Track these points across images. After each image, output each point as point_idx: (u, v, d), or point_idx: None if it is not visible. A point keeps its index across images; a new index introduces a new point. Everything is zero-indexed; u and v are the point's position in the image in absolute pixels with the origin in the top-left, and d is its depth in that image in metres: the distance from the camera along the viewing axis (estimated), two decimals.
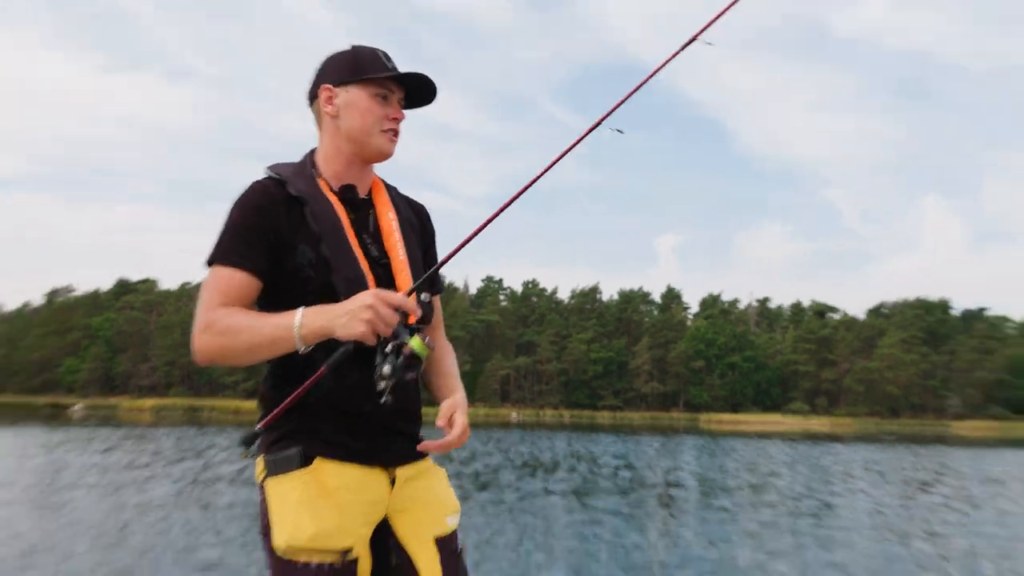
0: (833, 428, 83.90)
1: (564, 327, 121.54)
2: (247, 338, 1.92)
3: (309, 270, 2.03)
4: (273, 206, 2.05)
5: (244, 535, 9.33)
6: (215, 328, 1.94)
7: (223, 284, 1.99)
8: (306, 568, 1.94)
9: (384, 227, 2.19)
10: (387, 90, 2.14)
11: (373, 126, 2.12)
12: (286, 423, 2.04)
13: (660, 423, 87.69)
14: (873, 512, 13.33)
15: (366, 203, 2.20)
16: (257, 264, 2.01)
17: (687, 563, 8.54)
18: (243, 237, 2.01)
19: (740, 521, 11.94)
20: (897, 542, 10.29)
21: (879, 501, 15.10)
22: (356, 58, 2.14)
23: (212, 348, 1.95)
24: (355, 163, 2.17)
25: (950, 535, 10.99)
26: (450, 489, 2.24)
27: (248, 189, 2.07)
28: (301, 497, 1.98)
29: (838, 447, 38.43)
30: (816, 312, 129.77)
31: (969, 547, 10.05)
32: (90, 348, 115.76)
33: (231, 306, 1.98)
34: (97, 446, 24.93)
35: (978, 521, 12.52)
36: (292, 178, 2.10)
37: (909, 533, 11.08)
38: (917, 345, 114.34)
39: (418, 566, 2.08)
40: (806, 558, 8.99)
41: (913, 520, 12.41)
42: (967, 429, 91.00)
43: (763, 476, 20.51)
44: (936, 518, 12.72)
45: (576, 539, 9.84)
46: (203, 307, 1.98)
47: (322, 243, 2.04)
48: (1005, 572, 8.46)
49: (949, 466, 26.29)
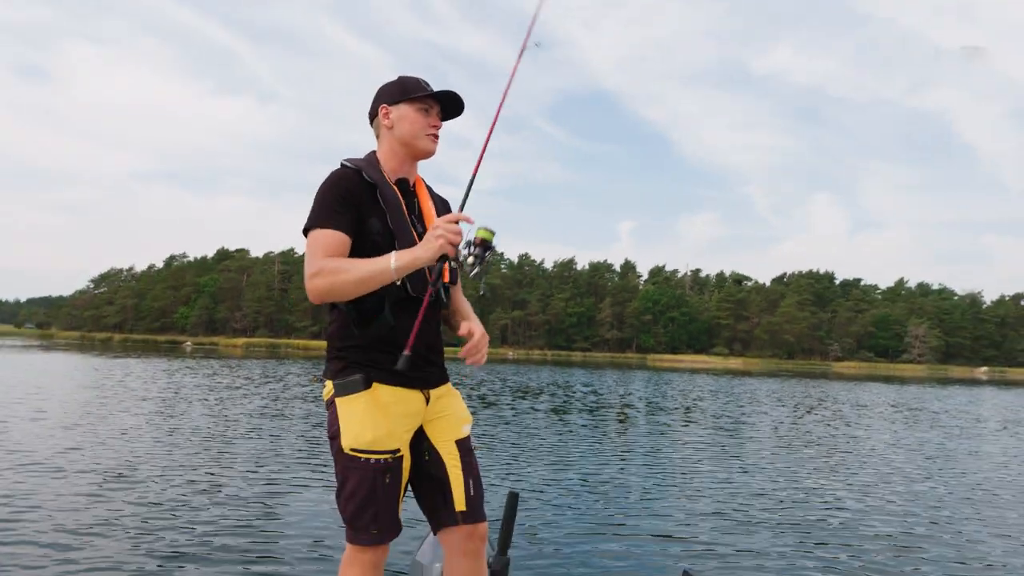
0: (746, 366, 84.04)
1: (548, 289, 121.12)
2: (355, 274, 1.91)
3: (378, 237, 2.02)
4: (354, 186, 2.04)
5: (310, 433, 9.45)
6: (325, 270, 1.92)
7: (323, 241, 1.96)
8: (366, 463, 1.99)
9: (425, 211, 2.19)
10: (427, 105, 2.14)
11: (420, 131, 2.13)
12: (351, 356, 2.06)
13: (618, 361, 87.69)
14: (772, 427, 13.42)
15: (412, 193, 2.20)
16: (347, 225, 1.99)
17: (634, 459, 8.60)
18: (334, 206, 2.00)
19: (675, 432, 12.01)
20: (788, 450, 10.39)
21: (777, 419, 15.17)
22: (403, 84, 2.15)
23: (323, 286, 1.92)
24: (407, 161, 2.17)
25: (828, 444, 11.09)
26: (463, 404, 2.25)
27: (333, 173, 2.06)
28: (363, 411, 2.00)
29: (749, 380, 38.50)
30: (735, 280, 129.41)
31: (842, 453, 10.16)
32: (198, 300, 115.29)
33: (332, 256, 1.96)
34: (206, 372, 25.02)
35: (848, 434, 12.63)
36: (366, 168, 2.09)
37: (797, 442, 11.17)
38: (808, 305, 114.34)
39: (444, 460, 2.12)
40: (723, 459, 9.08)
41: (801, 434, 12.51)
42: (844, 368, 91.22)
43: (693, 400, 20.57)
44: (817, 431, 12.82)
45: (555, 443, 9.89)
46: (310, 259, 1.96)
47: (388, 218, 2.04)
48: (867, 468, 8.56)
49: (829, 395, 26.39)
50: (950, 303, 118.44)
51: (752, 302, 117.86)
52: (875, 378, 52.96)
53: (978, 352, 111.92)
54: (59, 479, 6.24)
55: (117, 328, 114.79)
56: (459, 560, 2.13)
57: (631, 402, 18.88)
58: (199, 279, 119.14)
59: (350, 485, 2.02)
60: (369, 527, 2.02)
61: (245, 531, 4.88)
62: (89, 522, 4.88)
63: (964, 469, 9.08)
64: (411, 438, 2.10)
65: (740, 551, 4.85)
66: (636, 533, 5.22)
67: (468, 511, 2.11)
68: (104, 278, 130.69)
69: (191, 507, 5.44)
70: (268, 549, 4.50)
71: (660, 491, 6.87)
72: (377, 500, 2.01)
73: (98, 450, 7.81)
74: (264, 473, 6.97)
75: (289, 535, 4.84)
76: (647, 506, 6.15)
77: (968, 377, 70.92)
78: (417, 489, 2.18)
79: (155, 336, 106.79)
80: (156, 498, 5.68)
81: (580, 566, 4.36)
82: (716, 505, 6.27)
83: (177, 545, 4.45)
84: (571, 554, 4.61)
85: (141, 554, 4.25)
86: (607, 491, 6.75)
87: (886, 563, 4.71)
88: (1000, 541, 5.45)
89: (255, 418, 11.49)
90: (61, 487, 5.93)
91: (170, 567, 4.06)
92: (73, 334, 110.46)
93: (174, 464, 7.18)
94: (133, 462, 7.19)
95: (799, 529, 5.56)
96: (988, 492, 7.55)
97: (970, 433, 13.80)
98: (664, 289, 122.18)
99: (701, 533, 5.28)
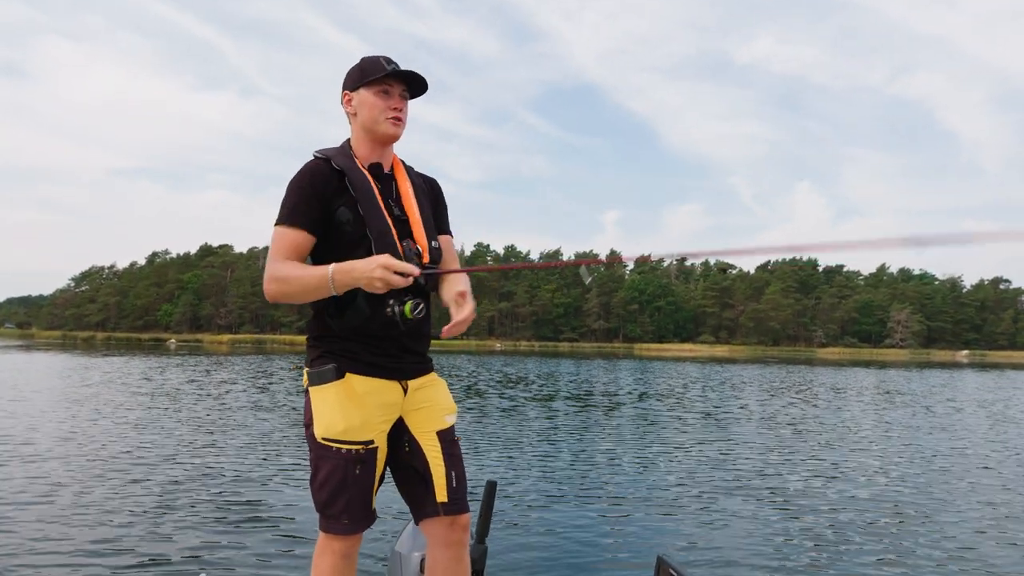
0: (731, 353, 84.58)
1: (535, 280, 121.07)
2: (299, 285, 1.93)
3: (348, 225, 2.00)
4: (321, 177, 2.01)
5: (293, 425, 9.41)
6: (277, 277, 1.94)
7: (284, 239, 1.97)
8: (338, 452, 1.98)
9: (403, 193, 2.15)
10: (387, 87, 2.07)
11: (379, 116, 2.06)
12: (325, 345, 2.06)
13: (605, 351, 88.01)
14: (757, 411, 13.56)
15: (389, 176, 2.16)
16: (310, 223, 1.98)
17: (611, 448, 8.66)
18: (298, 203, 1.98)
19: (654, 420, 12.09)
20: (766, 437, 10.49)
21: (764, 404, 15.35)
22: (362, 67, 2.08)
23: (275, 292, 1.95)
24: (375, 146, 2.12)
25: (804, 430, 11.21)
26: (449, 395, 2.22)
27: (302, 167, 2.05)
28: (336, 401, 2.00)
29: (735, 367, 38.75)
30: (720, 269, 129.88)
31: (818, 438, 10.28)
32: (181, 296, 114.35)
33: (290, 257, 1.97)
34: (192, 368, 24.87)
35: (825, 419, 12.77)
36: (335, 156, 2.06)
37: (776, 428, 11.29)
38: (792, 292, 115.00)
39: (425, 451, 2.10)
40: (700, 446, 9.16)
41: (779, 419, 12.63)
42: (828, 354, 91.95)
43: (680, 388, 20.70)
44: (796, 417, 12.95)
45: (534, 432, 9.94)
46: (269, 260, 1.98)
47: (358, 204, 2.02)
48: (843, 452, 8.68)
49: (813, 380, 26.64)
50: (931, 288, 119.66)
51: (737, 290, 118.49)
52: (859, 363, 53.44)
53: (959, 336, 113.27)
54: (37, 478, 6.21)
55: (99, 327, 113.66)
56: (441, 550, 2.13)
57: (617, 390, 18.97)
58: (182, 276, 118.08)
59: (322, 473, 2.03)
60: (340, 516, 2.03)
61: (226, 519, 4.92)
62: (69, 516, 4.89)
63: (932, 447, 9.24)
64: (391, 429, 2.10)
65: (715, 536, 4.94)
66: (612, 520, 5.29)
67: (450, 502, 2.10)
68: (85, 276, 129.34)
69: (177, 497, 5.46)
70: (248, 536, 4.54)
71: (637, 478, 6.95)
72: (348, 489, 2.01)
73: (78, 449, 7.78)
74: (248, 462, 6.99)
75: (270, 523, 4.88)
76: (623, 494, 6.22)
77: (950, 361, 71.78)
78: (399, 480, 2.18)
79: (138, 334, 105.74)
80: (140, 489, 5.68)
81: (557, 553, 4.42)
82: (692, 492, 6.35)
83: (159, 533, 4.48)
84: (548, 542, 4.67)
85: (127, 544, 4.27)
86: (584, 479, 6.82)
87: (862, 543, 4.80)
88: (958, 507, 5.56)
89: (242, 411, 11.47)
90: (38, 487, 5.90)
91: (153, 555, 4.09)
92: (55, 333, 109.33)
93: (158, 455, 7.17)
94: (121, 456, 7.17)
95: (774, 514, 5.65)
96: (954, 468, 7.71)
97: (938, 412, 14.02)
98: (650, 279, 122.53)
99: (677, 519, 5.36)
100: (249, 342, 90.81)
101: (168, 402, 13.06)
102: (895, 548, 4.74)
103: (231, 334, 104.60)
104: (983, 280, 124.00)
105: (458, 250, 2.34)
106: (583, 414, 12.80)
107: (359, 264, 1.89)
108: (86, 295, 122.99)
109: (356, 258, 1.94)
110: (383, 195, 2.09)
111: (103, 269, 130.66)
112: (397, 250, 2.01)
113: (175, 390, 15.75)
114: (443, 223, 2.29)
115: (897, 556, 4.58)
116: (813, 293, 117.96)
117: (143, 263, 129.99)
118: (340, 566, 2.08)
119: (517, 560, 4.26)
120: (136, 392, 15.06)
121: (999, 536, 5.13)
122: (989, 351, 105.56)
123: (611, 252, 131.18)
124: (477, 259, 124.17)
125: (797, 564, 4.38)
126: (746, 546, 4.69)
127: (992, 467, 8.10)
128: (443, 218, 2.31)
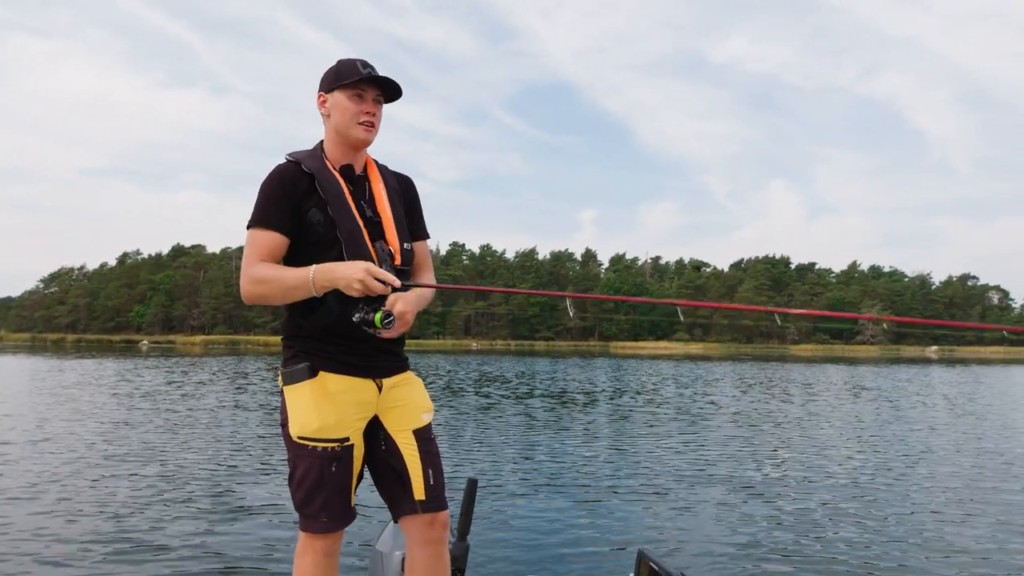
0: (705, 351, 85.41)
1: (510, 279, 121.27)
2: (278, 286, 1.94)
3: (319, 227, 2.01)
4: (291, 179, 2.02)
5: (268, 425, 9.32)
6: (254, 280, 1.95)
7: (259, 242, 1.98)
8: (313, 450, 1.99)
9: (376, 195, 2.15)
10: (360, 90, 2.07)
11: (351, 120, 2.05)
12: (299, 345, 2.07)
13: (581, 349, 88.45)
14: (731, 407, 13.70)
15: (362, 178, 2.16)
16: (282, 224, 1.99)
17: (591, 444, 8.72)
18: (269, 205, 1.99)
19: (637, 415, 12.19)
20: (748, 424, 10.61)
21: (736, 400, 15.52)
22: (337, 69, 2.07)
23: (254, 295, 1.96)
24: (347, 149, 2.12)
25: (779, 416, 11.36)
26: (425, 393, 2.22)
27: (273, 170, 2.05)
28: (310, 400, 2.00)
29: (709, 365, 39.14)
30: (694, 267, 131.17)
31: (791, 425, 10.42)
32: (153, 297, 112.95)
33: (265, 260, 1.98)
34: (167, 370, 24.53)
35: (797, 409, 12.95)
36: (305, 159, 2.07)
37: (754, 418, 11.43)
38: (765, 290, 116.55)
39: (401, 450, 2.11)
40: (678, 442, 9.24)
41: (757, 410, 12.79)
42: (801, 350, 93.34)
43: (654, 385, 20.85)
44: (770, 407, 13.12)
45: (514, 430, 9.97)
46: (246, 263, 1.98)
47: (328, 206, 2.02)
48: (806, 435, 8.82)
49: (784, 377, 26.98)
50: (901, 285, 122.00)
51: (711, 288, 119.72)
52: (830, 359, 54.27)
53: (928, 332, 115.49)
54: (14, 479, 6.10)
55: (70, 328, 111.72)
56: (420, 548, 2.14)
57: (592, 388, 19.06)
58: (154, 276, 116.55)
59: (299, 472, 2.03)
60: (319, 514, 2.03)
61: (205, 520, 4.88)
62: (49, 515, 4.82)
63: (898, 437, 9.43)
64: (368, 427, 2.11)
65: (693, 527, 5.01)
66: (594, 516, 5.34)
67: (427, 499, 2.11)
68: (55, 277, 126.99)
69: (156, 497, 5.40)
70: (228, 538, 4.50)
71: (615, 473, 7.02)
72: (326, 488, 2.02)
73: (53, 449, 7.65)
74: (226, 462, 6.94)
75: (250, 523, 4.85)
76: (604, 489, 6.28)
77: (919, 356, 73.06)
78: (376, 478, 2.18)
79: (110, 336, 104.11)
80: (119, 489, 5.61)
81: (539, 550, 4.45)
82: (671, 487, 6.42)
83: (137, 534, 4.42)
84: (530, 538, 4.70)
85: (108, 542, 4.20)
86: (564, 475, 6.87)
87: (835, 529, 4.90)
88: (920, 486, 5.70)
89: (216, 411, 11.33)
90: (17, 486, 5.79)
91: (131, 557, 4.05)
92: (23, 336, 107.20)
93: (136, 456, 7.08)
94: (96, 458, 7.06)
95: (749, 504, 5.74)
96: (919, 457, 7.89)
97: (904, 406, 14.29)
98: (625, 277, 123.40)
99: (657, 515, 5.42)
100: (223, 343, 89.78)
101: (144, 403, 12.88)
102: (865, 532, 4.88)
103: (204, 335, 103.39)
104: (952, 277, 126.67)
105: (433, 250, 2.34)
106: (560, 412, 12.85)
107: (341, 266, 1.91)
108: (55, 296, 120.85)
109: (327, 260, 1.96)
110: (355, 197, 2.10)
111: (73, 270, 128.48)
112: (368, 251, 2.03)
113: (150, 392, 15.52)
114: (419, 227, 2.29)
115: (867, 540, 4.71)
116: (786, 291, 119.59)
117: (114, 264, 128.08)
118: (322, 564, 2.08)
119: (499, 556, 4.29)
120: (112, 394, 14.83)
121: (960, 518, 5.31)
122: (957, 347, 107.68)
123: (587, 251, 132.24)
124: (452, 258, 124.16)
125: (773, 551, 4.48)
126: (723, 537, 4.77)
127: (953, 456, 8.33)
128: (419, 221, 2.31)
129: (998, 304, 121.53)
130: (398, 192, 2.24)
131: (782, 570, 4.17)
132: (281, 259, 2.03)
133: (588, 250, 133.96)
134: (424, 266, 2.28)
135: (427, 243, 2.32)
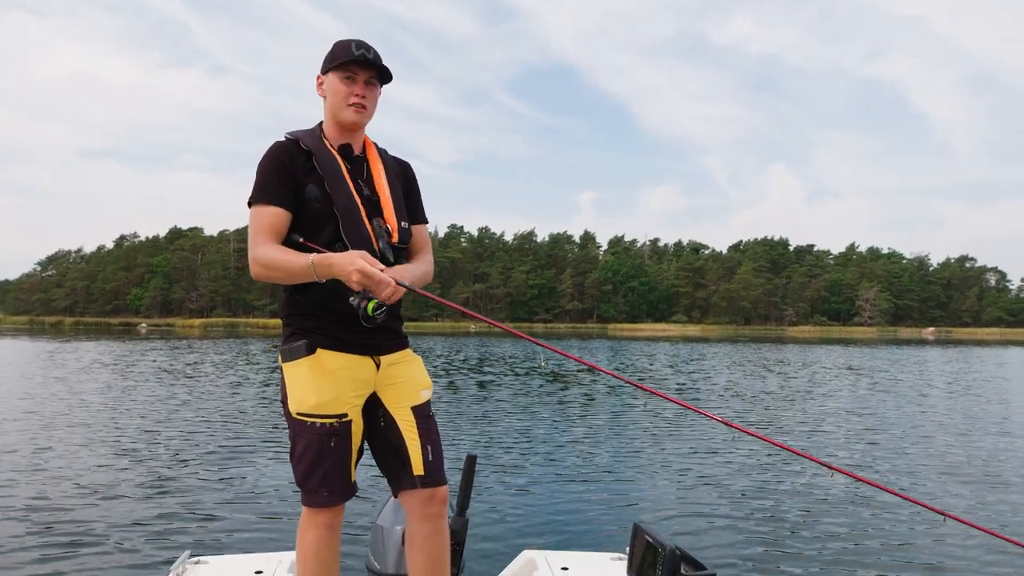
0: (704, 333, 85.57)
1: (509, 261, 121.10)
2: (284, 272, 1.97)
3: (316, 203, 2.02)
4: (289, 156, 2.03)
5: (269, 403, 9.39)
6: (262, 263, 1.98)
7: (262, 219, 2.00)
8: (312, 426, 2.02)
9: (375, 173, 2.17)
10: (352, 72, 2.07)
11: (341, 102, 2.07)
12: (298, 323, 2.09)
13: (579, 331, 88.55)
14: (728, 386, 13.81)
15: (360, 158, 2.17)
16: (284, 199, 2.01)
17: (588, 422, 8.79)
18: (270, 181, 2.01)
19: (628, 396, 12.22)
20: (746, 403, 10.68)
21: (733, 381, 15.59)
22: (332, 51, 2.08)
23: (262, 275, 2.00)
24: (343, 129, 2.13)
25: (780, 396, 11.43)
26: (424, 371, 2.22)
27: (271, 147, 2.07)
28: (307, 376, 2.02)
29: (707, 346, 39.26)
30: (692, 249, 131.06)
31: (786, 404, 10.50)
32: (151, 280, 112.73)
33: (269, 235, 1.99)
34: (167, 352, 24.59)
35: (794, 388, 13.02)
36: (303, 137, 2.08)
37: (754, 398, 11.50)
38: (764, 272, 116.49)
39: (400, 426, 2.13)
40: (674, 420, 9.31)
41: (752, 389, 12.85)
42: (798, 332, 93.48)
43: (652, 366, 20.95)
44: (768, 386, 13.21)
45: (519, 406, 10.04)
46: (252, 241, 2.00)
47: (325, 183, 2.04)
48: (800, 413, 8.89)
49: (783, 358, 27.08)
50: (899, 266, 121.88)
51: (709, 270, 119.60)
52: (828, 341, 54.45)
53: (925, 313, 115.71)
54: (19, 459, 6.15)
55: (67, 311, 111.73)
56: (419, 523, 2.17)
57: (587, 369, 19.11)
58: (152, 259, 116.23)
59: (299, 448, 2.06)
60: (319, 489, 2.06)
61: (211, 497, 4.93)
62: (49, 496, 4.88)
63: (892, 416, 9.51)
64: (368, 404, 2.13)
65: (689, 505, 5.08)
66: (590, 491, 5.42)
67: (426, 475, 2.12)
68: (52, 260, 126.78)
69: (154, 473, 5.45)
70: (233, 513, 4.58)
71: (613, 451, 7.10)
72: (325, 463, 2.05)
73: (58, 431, 7.71)
74: (229, 440, 7.00)
75: (254, 499, 4.91)
76: (601, 465, 6.37)
77: (916, 338, 73.33)
78: (377, 454, 2.21)
79: (108, 319, 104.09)
80: (125, 468, 5.67)
81: (537, 524, 4.53)
82: (667, 463, 6.51)
83: (140, 511, 4.49)
84: (528, 513, 4.78)
85: (110, 521, 4.27)
86: (561, 451, 6.96)
87: (826, 502, 4.97)
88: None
89: (218, 392, 11.37)
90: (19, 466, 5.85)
91: (135, 533, 4.10)
92: (21, 319, 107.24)
93: (142, 437, 7.13)
94: (102, 438, 7.12)
95: (742, 479, 5.81)
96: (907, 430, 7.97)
97: (901, 386, 14.38)
98: (624, 259, 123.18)
99: (653, 489, 5.51)
100: (222, 326, 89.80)
101: (147, 384, 12.93)
102: (856, 505, 4.96)
103: (203, 318, 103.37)
104: (949, 259, 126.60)
105: (431, 232, 2.35)
106: (558, 390, 12.92)
107: (336, 258, 1.92)
108: (53, 279, 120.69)
109: (324, 234, 2.00)
110: (352, 175, 2.11)
111: (70, 253, 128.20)
112: (365, 228, 2.05)
113: (152, 373, 15.58)
114: (417, 212, 2.30)
115: (858, 512, 4.79)
116: (784, 272, 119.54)
117: (111, 246, 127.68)
118: (325, 538, 2.11)
119: (498, 532, 4.36)
120: (113, 375, 14.88)
121: (954, 492, 5.36)
122: (954, 328, 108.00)
123: (585, 233, 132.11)
124: (450, 240, 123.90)
125: (765, 521, 4.56)
126: (717, 510, 4.86)
127: (948, 435, 8.39)
128: (417, 206, 2.32)
129: (995, 286, 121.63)
130: (397, 174, 2.25)
131: (775, 540, 4.24)
132: (285, 234, 2.04)
133: (587, 232, 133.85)
134: (423, 250, 2.29)
135: (426, 228, 2.33)
